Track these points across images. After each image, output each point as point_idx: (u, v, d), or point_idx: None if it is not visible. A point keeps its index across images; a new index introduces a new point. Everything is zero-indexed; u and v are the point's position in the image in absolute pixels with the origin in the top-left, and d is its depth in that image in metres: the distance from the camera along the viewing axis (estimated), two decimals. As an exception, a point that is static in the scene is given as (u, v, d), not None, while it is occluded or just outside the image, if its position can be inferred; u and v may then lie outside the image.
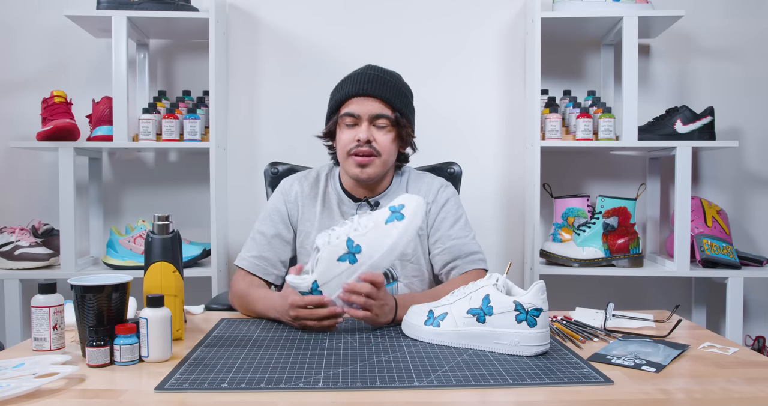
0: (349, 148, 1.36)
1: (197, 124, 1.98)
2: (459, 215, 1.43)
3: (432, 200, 1.43)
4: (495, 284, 1.03)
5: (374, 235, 1.09)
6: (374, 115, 1.35)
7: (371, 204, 1.42)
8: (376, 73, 1.38)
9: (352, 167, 1.36)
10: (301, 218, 1.44)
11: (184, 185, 2.23)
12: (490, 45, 2.24)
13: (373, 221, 1.11)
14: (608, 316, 1.22)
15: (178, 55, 2.26)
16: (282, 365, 0.94)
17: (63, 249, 1.93)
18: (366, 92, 1.35)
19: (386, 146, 1.36)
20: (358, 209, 1.42)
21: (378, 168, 1.37)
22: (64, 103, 1.96)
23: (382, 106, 1.35)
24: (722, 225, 2.09)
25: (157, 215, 1.08)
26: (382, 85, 1.36)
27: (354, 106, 1.35)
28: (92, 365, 0.95)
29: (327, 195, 1.45)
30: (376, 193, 1.44)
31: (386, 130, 1.36)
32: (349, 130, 1.36)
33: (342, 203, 1.44)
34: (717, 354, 1.03)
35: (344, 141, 1.37)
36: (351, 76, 1.40)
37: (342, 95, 1.37)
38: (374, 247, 1.09)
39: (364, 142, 1.33)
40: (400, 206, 1.12)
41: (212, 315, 1.33)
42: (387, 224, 1.10)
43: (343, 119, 1.37)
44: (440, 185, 1.46)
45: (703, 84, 2.25)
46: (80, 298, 0.98)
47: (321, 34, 2.23)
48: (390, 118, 1.36)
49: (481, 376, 0.89)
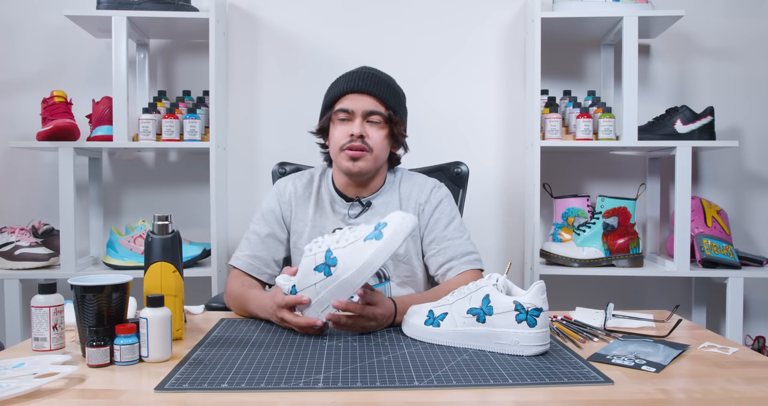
0: (342, 144, 1.37)
1: (197, 124, 1.98)
2: (453, 215, 1.43)
3: (425, 201, 1.43)
4: (495, 284, 1.03)
5: (351, 250, 1.08)
6: (368, 111, 1.37)
7: (363, 204, 1.43)
8: (370, 72, 1.41)
9: (345, 161, 1.37)
10: (294, 217, 1.44)
11: (184, 185, 2.23)
12: (490, 45, 2.24)
13: (355, 235, 1.09)
14: (608, 316, 1.22)
15: (178, 55, 2.26)
16: (282, 365, 0.94)
17: (63, 249, 1.93)
18: (360, 89, 1.37)
19: (378, 142, 1.37)
20: (350, 209, 1.43)
21: (369, 163, 1.37)
22: (64, 103, 1.96)
23: (376, 103, 1.37)
24: (722, 225, 2.09)
25: (157, 214, 1.08)
26: (377, 83, 1.38)
27: (348, 102, 1.37)
28: (92, 365, 0.95)
29: (320, 195, 1.46)
30: (369, 192, 1.44)
31: (379, 127, 1.38)
32: (343, 126, 1.38)
33: (334, 202, 1.45)
34: (717, 354, 1.03)
35: (337, 136, 1.38)
36: (346, 74, 1.43)
37: (337, 92, 1.40)
38: (349, 263, 1.07)
39: (357, 137, 1.35)
40: (383, 224, 1.09)
41: (212, 315, 1.33)
42: (365, 241, 1.08)
43: (337, 115, 1.39)
44: (433, 186, 1.46)
45: (703, 84, 2.25)
46: (80, 298, 0.98)
47: (321, 34, 2.23)
48: (383, 115, 1.38)
49: (481, 376, 0.89)
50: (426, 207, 1.43)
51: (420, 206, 1.43)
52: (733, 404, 0.80)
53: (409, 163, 1.60)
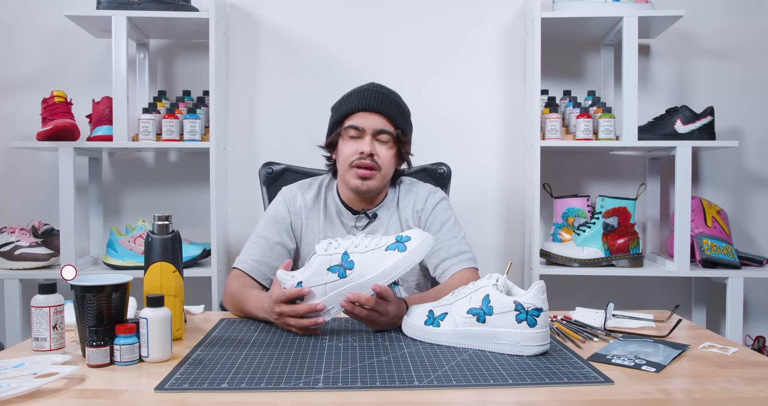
0: (351, 160, 1.39)
1: (197, 124, 1.98)
2: (447, 217, 1.46)
3: (421, 208, 1.48)
4: (495, 284, 1.03)
5: (371, 257, 1.10)
6: (378, 130, 1.39)
7: (369, 216, 1.46)
8: (380, 91, 1.43)
9: (354, 179, 1.39)
10: (305, 229, 1.47)
11: (184, 185, 2.23)
12: (490, 44, 2.24)
13: (375, 243, 1.12)
14: (608, 316, 1.22)
15: (178, 55, 2.26)
16: (282, 365, 0.94)
17: (63, 249, 1.93)
18: (371, 107, 1.39)
19: (387, 161, 1.40)
20: (357, 222, 1.46)
21: (378, 182, 1.40)
22: (64, 103, 1.96)
23: (386, 123, 1.40)
24: (722, 225, 2.09)
25: (157, 214, 1.08)
26: (387, 102, 1.41)
27: (358, 119, 1.39)
28: (92, 365, 0.95)
29: (327, 207, 1.49)
30: (374, 205, 1.48)
31: (388, 146, 1.41)
32: (353, 143, 1.40)
33: (341, 214, 1.47)
34: (717, 354, 1.03)
35: (347, 153, 1.40)
36: (356, 91, 1.44)
37: (348, 108, 1.41)
38: (367, 268, 1.09)
39: (367, 155, 1.37)
40: (407, 237, 1.13)
41: (212, 315, 1.33)
42: (387, 251, 1.10)
43: (347, 132, 1.40)
44: (428, 193, 1.50)
45: (703, 84, 2.25)
46: (80, 298, 0.98)
47: (321, 34, 2.23)
48: (392, 134, 1.40)
49: (481, 376, 0.89)
50: (422, 214, 1.48)
51: (417, 214, 1.48)
52: (733, 404, 0.80)
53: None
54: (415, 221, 1.47)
